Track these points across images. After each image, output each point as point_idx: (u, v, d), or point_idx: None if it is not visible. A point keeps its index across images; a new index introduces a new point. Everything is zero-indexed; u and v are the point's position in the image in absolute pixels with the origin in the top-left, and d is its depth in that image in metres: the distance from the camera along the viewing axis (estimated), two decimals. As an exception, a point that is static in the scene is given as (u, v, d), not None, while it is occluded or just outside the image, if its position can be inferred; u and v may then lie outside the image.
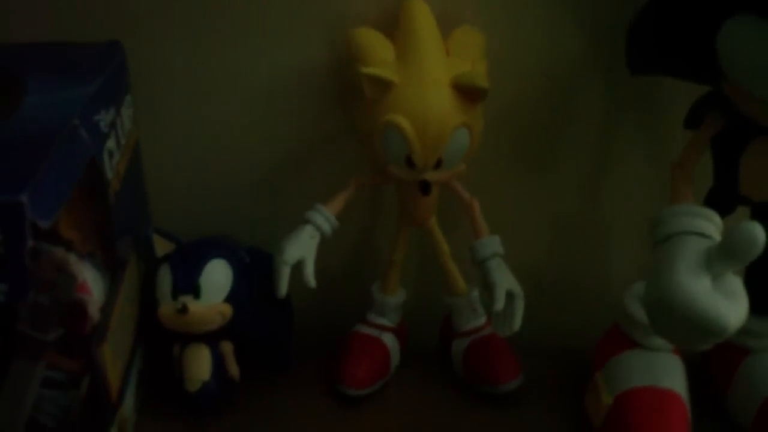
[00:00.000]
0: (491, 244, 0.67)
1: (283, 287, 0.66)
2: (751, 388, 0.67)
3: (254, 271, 0.68)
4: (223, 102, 0.72)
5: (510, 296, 0.66)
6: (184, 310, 0.64)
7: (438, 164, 0.64)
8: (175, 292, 0.64)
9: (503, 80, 0.69)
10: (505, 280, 0.66)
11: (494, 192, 0.73)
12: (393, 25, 0.65)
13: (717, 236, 0.57)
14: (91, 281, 0.55)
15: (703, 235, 0.56)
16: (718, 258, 0.53)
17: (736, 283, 0.54)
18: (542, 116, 0.73)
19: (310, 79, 0.71)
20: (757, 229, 0.51)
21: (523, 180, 0.76)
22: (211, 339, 0.67)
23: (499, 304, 0.65)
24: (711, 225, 0.57)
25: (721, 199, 0.62)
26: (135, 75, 0.66)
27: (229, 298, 0.66)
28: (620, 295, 0.69)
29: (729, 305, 0.53)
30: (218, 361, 0.68)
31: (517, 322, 0.66)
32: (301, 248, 0.66)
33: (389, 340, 0.73)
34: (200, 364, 0.67)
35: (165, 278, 0.65)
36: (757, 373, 0.68)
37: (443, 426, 0.69)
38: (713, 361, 0.71)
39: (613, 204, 0.77)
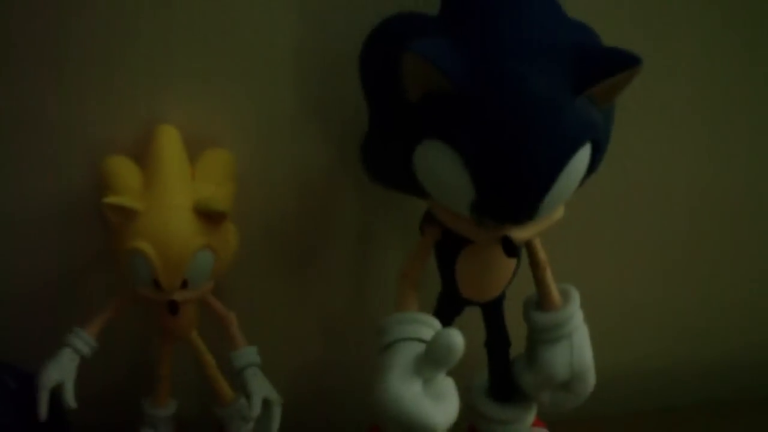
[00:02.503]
0: (247, 355, 0.71)
1: (43, 411, 0.67)
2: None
3: (23, 396, 0.68)
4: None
5: (267, 403, 0.69)
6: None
7: (184, 284, 0.66)
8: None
9: (257, 193, 0.73)
10: (261, 389, 0.69)
11: (261, 300, 0.77)
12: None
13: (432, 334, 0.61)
14: None
15: (420, 340, 0.60)
16: (425, 363, 0.57)
17: (446, 385, 0.59)
18: (301, 225, 0.77)
19: (71, 204, 0.73)
20: (453, 335, 0.55)
21: (288, 287, 0.80)
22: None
23: (255, 411, 0.69)
24: (429, 330, 0.61)
25: (449, 302, 0.67)
26: None
27: (-11, 428, 0.66)
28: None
29: (435, 407, 0.57)
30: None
31: (274, 427, 0.69)
32: (60, 371, 0.67)
33: (165, 452, 0.75)
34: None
35: None
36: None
37: None
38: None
39: (377, 302, 0.81)
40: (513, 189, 0.54)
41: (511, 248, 0.60)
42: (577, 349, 0.67)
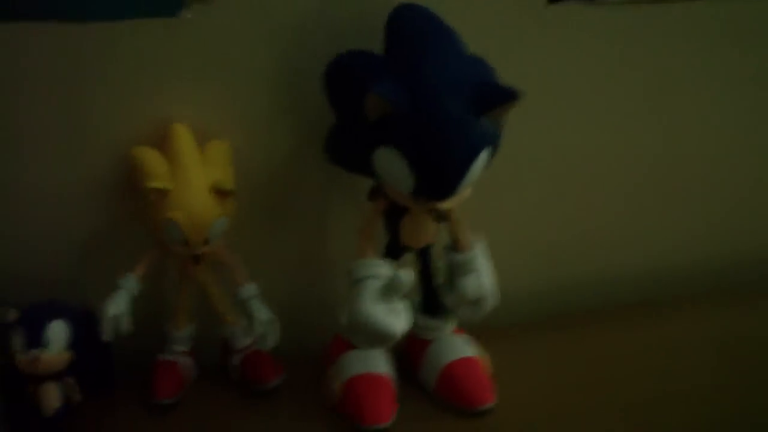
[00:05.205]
0: (249, 290, 0.97)
1: (109, 335, 0.92)
2: (433, 364, 0.99)
3: (83, 324, 0.92)
4: (34, 202, 0.97)
5: (267, 323, 0.96)
6: (35, 360, 0.88)
7: (206, 242, 0.92)
8: (28, 347, 0.88)
9: (245, 172, 0.98)
10: (261, 314, 0.96)
11: (255, 245, 1.02)
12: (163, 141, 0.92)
13: (389, 274, 0.88)
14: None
15: (378, 277, 0.88)
16: (386, 292, 0.85)
17: (400, 306, 0.86)
18: (277, 195, 1.03)
19: (99, 183, 0.97)
20: (404, 275, 0.83)
21: (270, 240, 1.06)
22: (58, 377, 0.91)
23: (258, 329, 0.96)
24: (386, 269, 0.88)
25: (393, 248, 0.94)
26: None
27: (69, 347, 0.89)
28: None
29: (395, 320, 0.85)
30: (65, 392, 0.91)
31: (272, 340, 0.97)
32: (118, 307, 0.92)
33: (185, 361, 1.00)
34: (51, 397, 0.90)
35: (19, 336, 0.88)
36: (435, 354, 0.99)
37: (225, 415, 0.97)
38: (409, 351, 1.02)
39: (337, 245, 1.08)
40: (439, 179, 0.82)
41: (438, 215, 0.89)
42: (483, 277, 0.94)
